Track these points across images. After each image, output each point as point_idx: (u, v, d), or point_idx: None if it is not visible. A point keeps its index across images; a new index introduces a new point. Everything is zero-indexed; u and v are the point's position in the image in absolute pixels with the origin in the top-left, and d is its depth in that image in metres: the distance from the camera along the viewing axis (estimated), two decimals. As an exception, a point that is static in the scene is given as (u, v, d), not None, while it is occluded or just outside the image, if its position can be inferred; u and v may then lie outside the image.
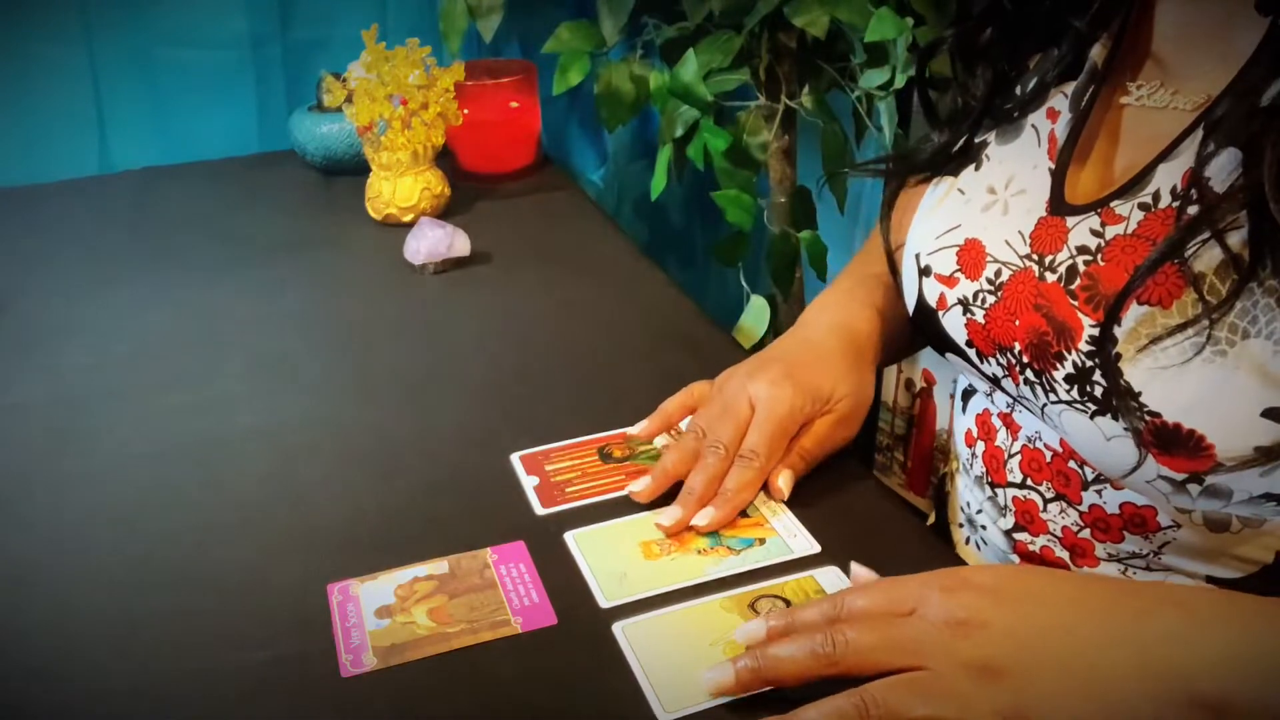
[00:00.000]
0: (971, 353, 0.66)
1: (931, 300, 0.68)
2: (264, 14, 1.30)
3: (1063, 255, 0.60)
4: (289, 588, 0.62)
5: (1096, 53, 0.65)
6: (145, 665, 0.57)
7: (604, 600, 0.60)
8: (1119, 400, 0.54)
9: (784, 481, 0.68)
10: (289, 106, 1.32)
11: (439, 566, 0.63)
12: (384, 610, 0.60)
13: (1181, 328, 0.52)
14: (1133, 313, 0.55)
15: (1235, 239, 0.52)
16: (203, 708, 0.55)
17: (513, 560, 0.63)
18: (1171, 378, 0.53)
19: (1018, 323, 0.61)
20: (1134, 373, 0.54)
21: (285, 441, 0.77)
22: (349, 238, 1.13)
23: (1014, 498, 0.66)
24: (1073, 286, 0.59)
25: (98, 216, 1.18)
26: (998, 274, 0.63)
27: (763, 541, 0.64)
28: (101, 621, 0.60)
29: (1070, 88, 0.65)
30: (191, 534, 0.67)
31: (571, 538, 0.65)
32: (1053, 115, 0.66)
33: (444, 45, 1.30)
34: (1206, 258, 0.53)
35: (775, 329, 1.33)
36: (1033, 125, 0.66)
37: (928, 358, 1.29)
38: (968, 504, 0.72)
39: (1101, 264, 0.58)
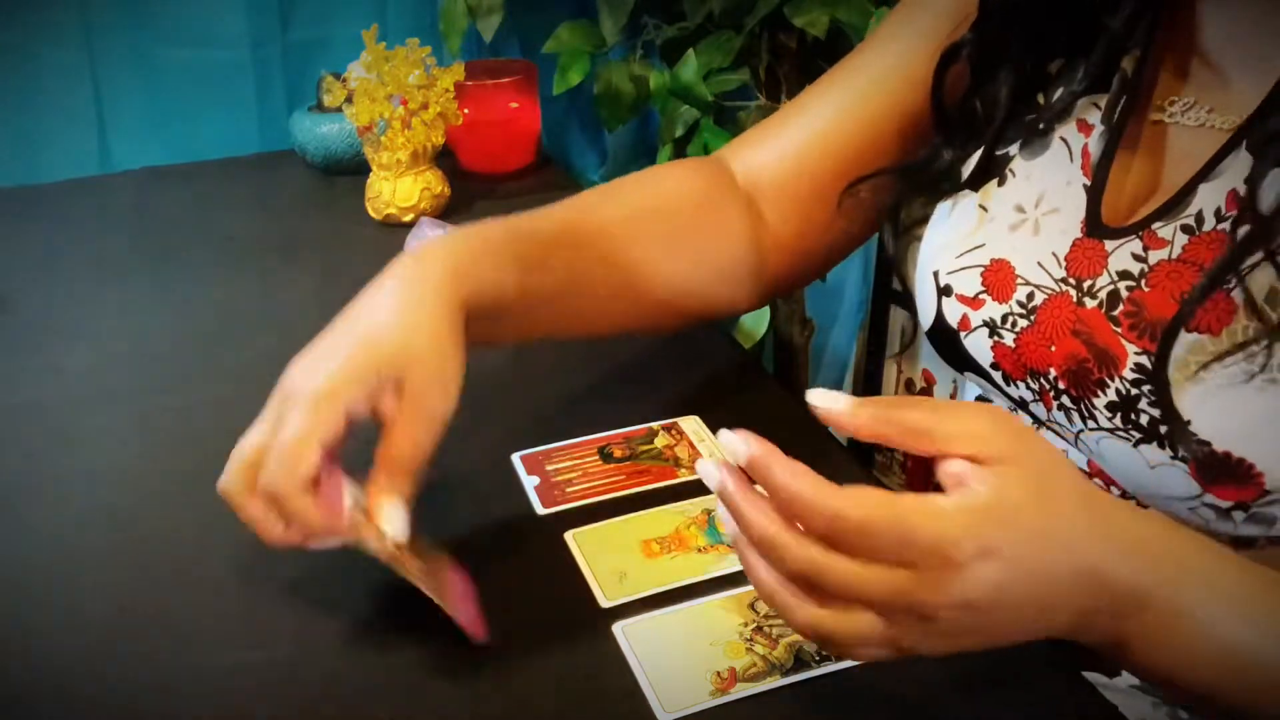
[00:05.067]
0: (997, 375, 0.64)
1: (952, 321, 0.66)
2: (264, 14, 1.30)
3: (1103, 280, 0.59)
4: (289, 588, 0.62)
5: (1126, 63, 0.63)
6: (144, 664, 0.57)
7: (604, 600, 0.60)
8: (1176, 431, 0.53)
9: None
10: (289, 106, 1.32)
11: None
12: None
13: (1234, 352, 0.52)
14: (1181, 340, 0.53)
15: None
16: (202, 707, 0.55)
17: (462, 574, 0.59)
18: (1222, 406, 0.52)
19: (1053, 348, 0.60)
20: (1183, 401, 0.53)
21: (285, 441, 0.77)
22: (349, 238, 1.13)
23: None
24: (1115, 313, 0.57)
25: (98, 216, 1.18)
26: (1030, 297, 0.62)
27: (763, 541, 0.64)
28: (101, 621, 0.60)
29: (1102, 99, 0.63)
30: (191, 534, 0.67)
31: (571, 538, 0.65)
32: (1085, 129, 0.63)
33: (444, 45, 1.30)
34: (1258, 282, 0.52)
35: (775, 329, 1.34)
36: (1062, 138, 0.64)
37: (928, 358, 1.29)
38: None
39: (1146, 290, 0.57)
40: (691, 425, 0.76)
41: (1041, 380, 0.61)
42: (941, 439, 0.45)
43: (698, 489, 0.69)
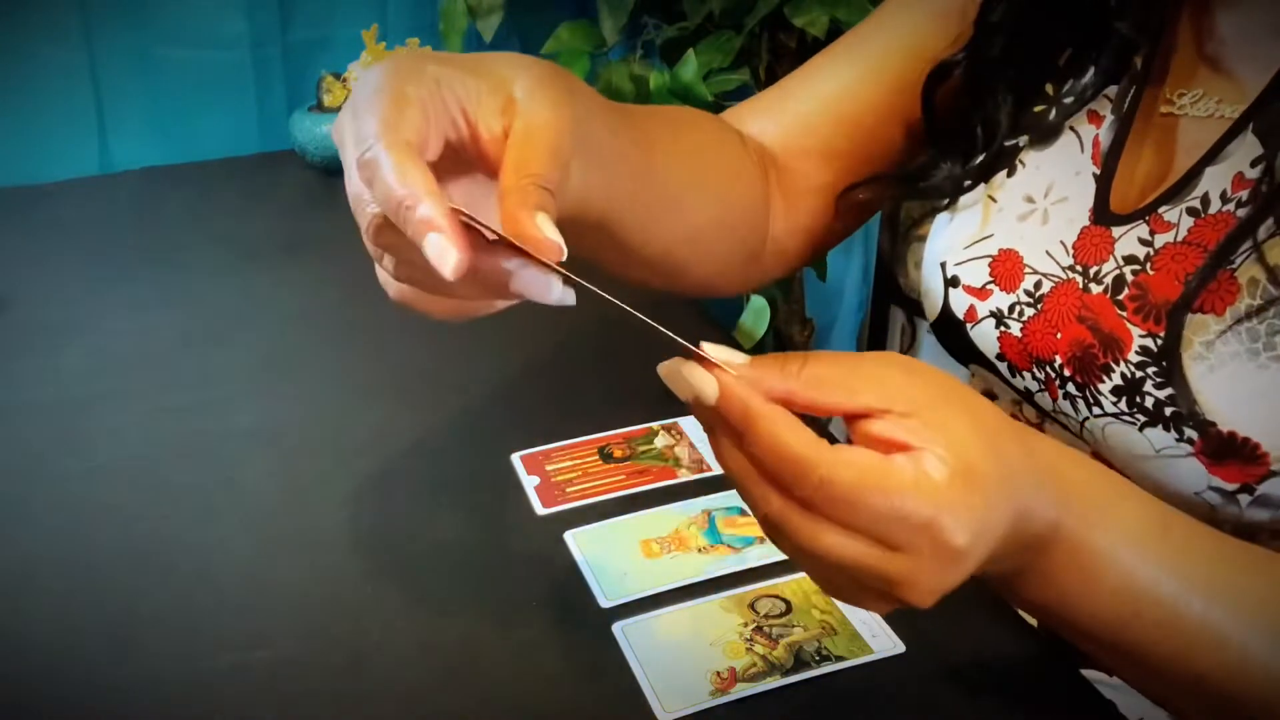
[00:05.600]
0: (1003, 367, 0.65)
1: (959, 312, 0.66)
2: (264, 14, 1.30)
3: (1109, 265, 0.59)
4: (289, 588, 0.62)
5: (1137, 58, 0.63)
6: (145, 665, 0.57)
7: (604, 600, 0.60)
8: (1186, 408, 0.54)
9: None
10: (289, 106, 1.32)
11: None
12: None
13: (1237, 325, 0.52)
14: (1186, 320, 0.54)
15: None
16: (202, 708, 0.55)
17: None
18: (1227, 385, 0.53)
19: (1059, 335, 0.60)
20: (1188, 380, 0.54)
21: (285, 441, 0.77)
22: (349, 238, 1.11)
23: None
24: (1120, 297, 0.58)
25: (98, 216, 1.18)
26: (1037, 286, 0.62)
27: (763, 539, 0.64)
28: (101, 621, 0.60)
29: (1112, 91, 0.64)
30: (191, 534, 0.67)
31: (571, 537, 0.65)
32: (1095, 119, 0.64)
33: (444, 45, 1.30)
34: (1271, 256, 0.52)
35: (775, 329, 1.34)
36: (1071, 129, 0.65)
37: (927, 355, 1.28)
38: None
39: (1151, 273, 0.57)
40: (691, 425, 0.76)
41: (1047, 369, 0.61)
42: (855, 390, 0.41)
43: (698, 489, 0.69)
